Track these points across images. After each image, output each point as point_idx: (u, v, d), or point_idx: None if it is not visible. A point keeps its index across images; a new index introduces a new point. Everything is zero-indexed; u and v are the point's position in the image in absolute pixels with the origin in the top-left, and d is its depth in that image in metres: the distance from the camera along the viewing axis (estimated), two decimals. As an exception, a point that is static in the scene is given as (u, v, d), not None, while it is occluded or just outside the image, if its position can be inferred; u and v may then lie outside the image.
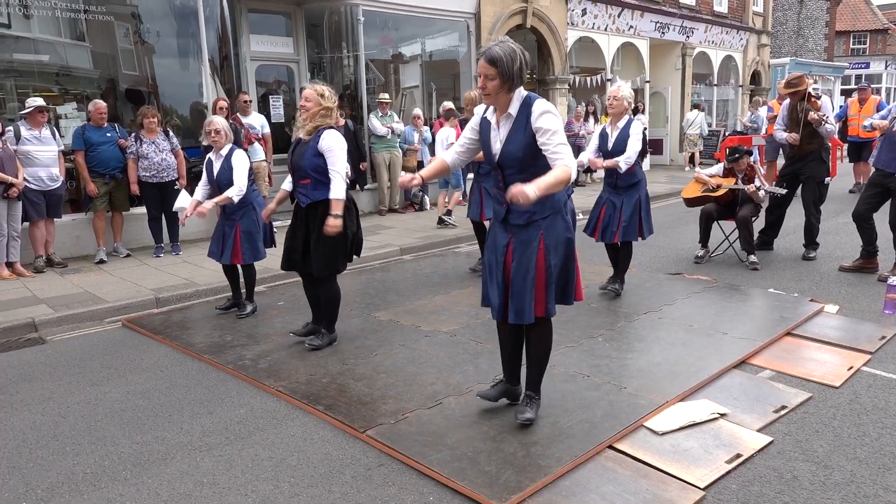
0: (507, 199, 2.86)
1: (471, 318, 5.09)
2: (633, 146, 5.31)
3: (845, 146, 12.33)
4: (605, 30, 14.96)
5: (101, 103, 7.38)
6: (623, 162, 5.30)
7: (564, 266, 3.20)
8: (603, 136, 5.59)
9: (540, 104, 3.05)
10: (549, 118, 3.01)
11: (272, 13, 10.20)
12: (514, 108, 3.07)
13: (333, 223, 4.22)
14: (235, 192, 5.08)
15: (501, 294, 3.22)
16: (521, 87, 3.10)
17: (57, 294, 6.06)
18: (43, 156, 6.85)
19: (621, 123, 5.44)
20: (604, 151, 5.56)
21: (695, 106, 16.82)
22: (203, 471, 3.08)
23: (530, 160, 3.06)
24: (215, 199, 5.11)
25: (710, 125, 17.08)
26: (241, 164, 5.16)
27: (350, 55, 10.97)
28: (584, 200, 11.30)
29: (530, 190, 2.76)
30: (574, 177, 2.99)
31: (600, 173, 5.87)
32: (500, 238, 3.25)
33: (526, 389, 3.47)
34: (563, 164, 2.93)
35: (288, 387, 3.94)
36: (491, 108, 3.21)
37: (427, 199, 10.96)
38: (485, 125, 3.24)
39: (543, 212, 3.11)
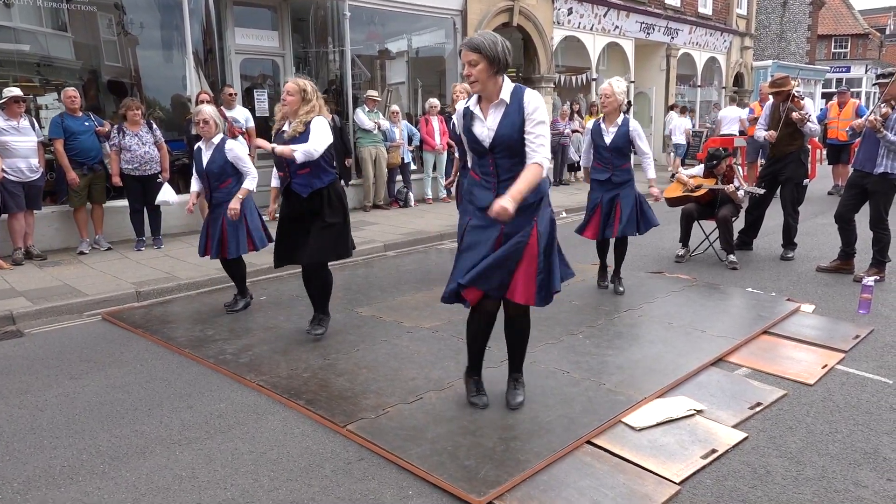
0: (492, 215, 2.95)
1: (452, 315, 5.10)
2: (645, 142, 5.49)
3: (824, 149, 12.52)
4: (591, 29, 15.03)
5: (71, 89, 7.25)
6: (650, 167, 5.63)
7: (550, 251, 3.21)
8: (597, 133, 5.52)
9: (531, 92, 3.15)
10: (541, 108, 3.12)
11: (258, 6, 10.12)
12: (506, 95, 3.11)
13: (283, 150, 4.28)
14: (251, 184, 5.07)
15: (506, 274, 3.19)
16: (507, 78, 3.16)
17: (36, 287, 6.00)
18: (21, 146, 6.76)
19: (619, 120, 5.42)
20: (602, 147, 5.51)
21: (671, 107, 16.92)
22: (182, 464, 3.07)
23: (521, 145, 3.11)
24: (239, 195, 4.99)
25: (693, 126, 17.18)
26: (242, 153, 5.12)
27: (336, 50, 10.94)
28: (567, 199, 11.38)
29: (508, 204, 2.90)
30: (544, 174, 3.08)
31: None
32: (490, 228, 3.19)
33: (513, 372, 3.58)
34: (535, 162, 3.05)
35: (269, 381, 3.94)
36: (474, 98, 3.23)
37: (412, 195, 10.97)
38: (467, 114, 3.25)
39: (530, 198, 3.11)
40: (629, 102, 15.04)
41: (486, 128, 3.16)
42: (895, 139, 5.63)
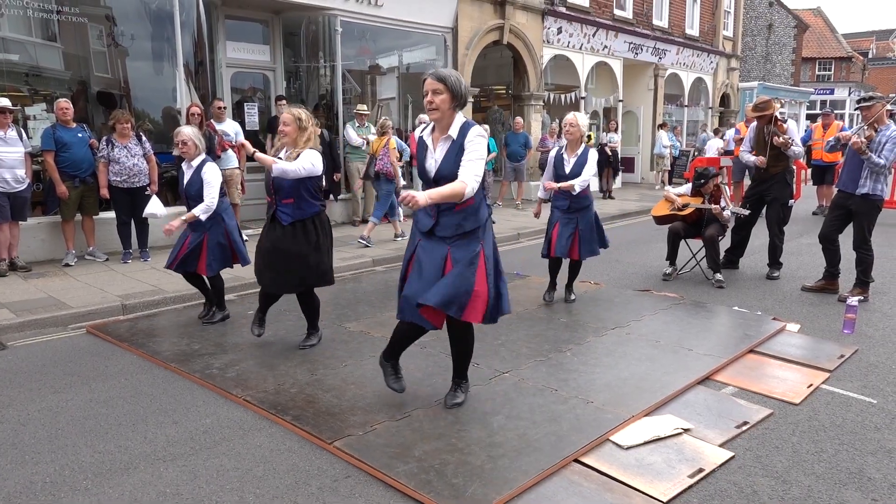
0: (400, 199, 3.32)
1: (441, 331, 5.09)
2: (589, 170, 5.66)
3: (809, 170, 12.69)
4: (580, 48, 15.20)
5: (63, 101, 7.21)
6: (578, 185, 5.61)
7: (498, 273, 3.45)
8: (559, 162, 5.81)
9: (475, 129, 3.33)
10: (477, 141, 3.29)
11: (249, 20, 10.16)
12: (454, 131, 3.31)
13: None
14: (203, 210, 5.03)
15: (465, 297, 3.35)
16: (461, 113, 3.36)
17: (20, 298, 5.93)
18: (8, 157, 6.70)
19: (579, 150, 5.73)
20: (561, 176, 5.79)
21: (660, 126, 17.11)
22: (166, 481, 3.04)
23: None
24: (183, 217, 5.01)
25: (678, 146, 17.36)
26: (213, 179, 5.08)
27: (327, 65, 10.98)
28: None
29: (421, 197, 3.13)
30: (470, 193, 3.25)
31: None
32: (437, 248, 3.41)
33: (456, 378, 3.76)
34: (462, 180, 3.24)
35: (255, 396, 3.91)
36: (428, 129, 3.43)
37: (401, 210, 10.97)
38: (421, 144, 3.46)
39: (467, 226, 3.35)
40: (614, 125, 15.26)
41: (433, 159, 3.36)
42: (879, 161, 5.73)
